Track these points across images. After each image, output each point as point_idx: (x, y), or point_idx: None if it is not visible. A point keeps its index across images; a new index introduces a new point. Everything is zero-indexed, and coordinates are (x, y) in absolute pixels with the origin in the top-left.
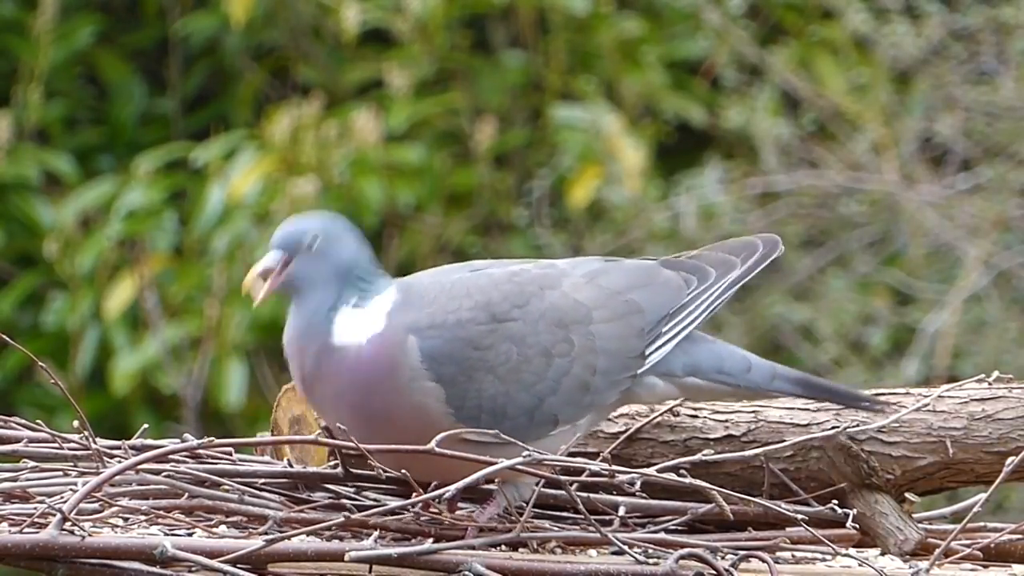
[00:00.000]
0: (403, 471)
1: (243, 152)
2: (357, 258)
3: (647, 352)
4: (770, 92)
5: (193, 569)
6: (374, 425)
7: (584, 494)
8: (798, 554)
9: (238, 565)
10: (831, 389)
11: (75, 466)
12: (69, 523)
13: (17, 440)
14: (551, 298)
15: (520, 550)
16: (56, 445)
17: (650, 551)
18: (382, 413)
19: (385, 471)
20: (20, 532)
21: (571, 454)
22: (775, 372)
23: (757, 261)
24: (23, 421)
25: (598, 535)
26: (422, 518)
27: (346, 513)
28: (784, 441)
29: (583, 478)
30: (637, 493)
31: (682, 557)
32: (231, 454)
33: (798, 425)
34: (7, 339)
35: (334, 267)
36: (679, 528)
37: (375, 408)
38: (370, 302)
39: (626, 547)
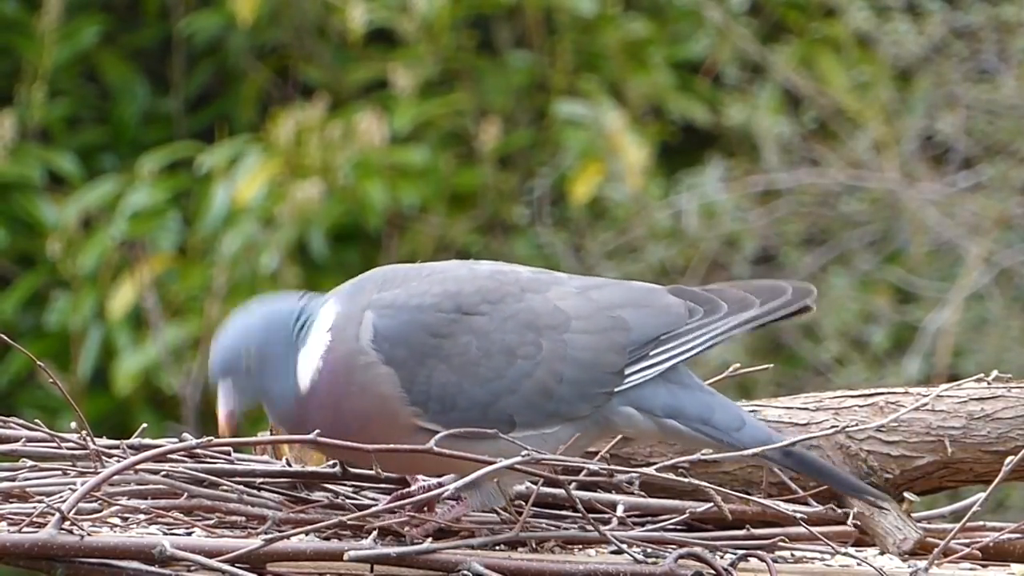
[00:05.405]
0: (376, 468)
1: (248, 155)
2: (290, 329)
3: (626, 371)
4: (771, 90)
5: (192, 568)
6: (347, 426)
7: (583, 493)
8: (797, 553)
9: (237, 565)
10: (823, 471)
11: (74, 465)
12: (68, 522)
13: (15, 440)
14: (529, 301)
15: (519, 549)
16: (54, 444)
17: (649, 550)
18: (351, 415)
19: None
20: (19, 531)
21: None
22: (769, 438)
23: (779, 306)
24: (21, 421)
25: (597, 534)
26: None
27: (344, 504)
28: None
29: (582, 477)
30: (636, 492)
31: (681, 556)
32: (230, 454)
33: (797, 424)
34: (7, 340)
35: (277, 359)
36: (678, 527)
37: (346, 411)
38: (312, 335)
39: (625, 546)
